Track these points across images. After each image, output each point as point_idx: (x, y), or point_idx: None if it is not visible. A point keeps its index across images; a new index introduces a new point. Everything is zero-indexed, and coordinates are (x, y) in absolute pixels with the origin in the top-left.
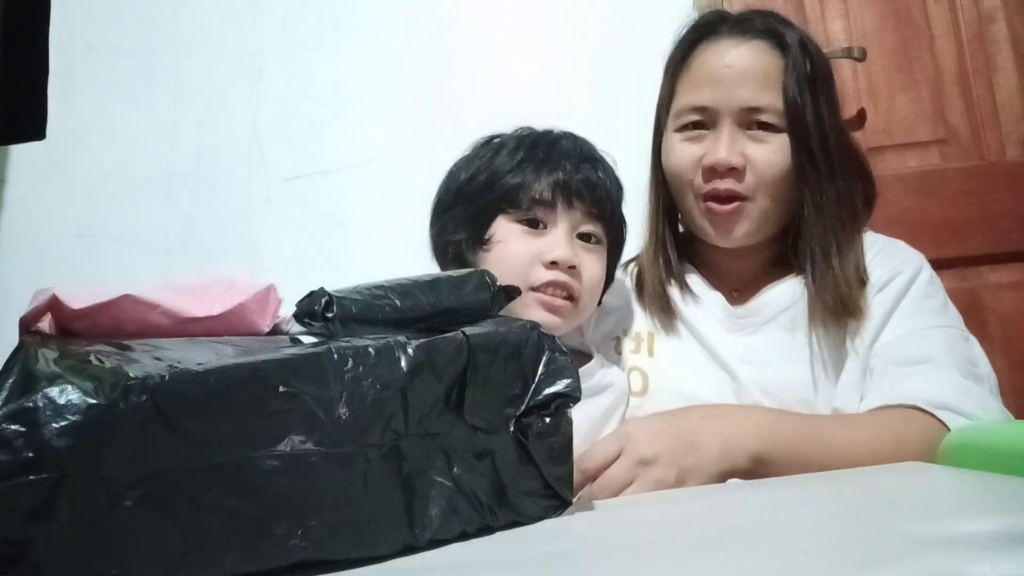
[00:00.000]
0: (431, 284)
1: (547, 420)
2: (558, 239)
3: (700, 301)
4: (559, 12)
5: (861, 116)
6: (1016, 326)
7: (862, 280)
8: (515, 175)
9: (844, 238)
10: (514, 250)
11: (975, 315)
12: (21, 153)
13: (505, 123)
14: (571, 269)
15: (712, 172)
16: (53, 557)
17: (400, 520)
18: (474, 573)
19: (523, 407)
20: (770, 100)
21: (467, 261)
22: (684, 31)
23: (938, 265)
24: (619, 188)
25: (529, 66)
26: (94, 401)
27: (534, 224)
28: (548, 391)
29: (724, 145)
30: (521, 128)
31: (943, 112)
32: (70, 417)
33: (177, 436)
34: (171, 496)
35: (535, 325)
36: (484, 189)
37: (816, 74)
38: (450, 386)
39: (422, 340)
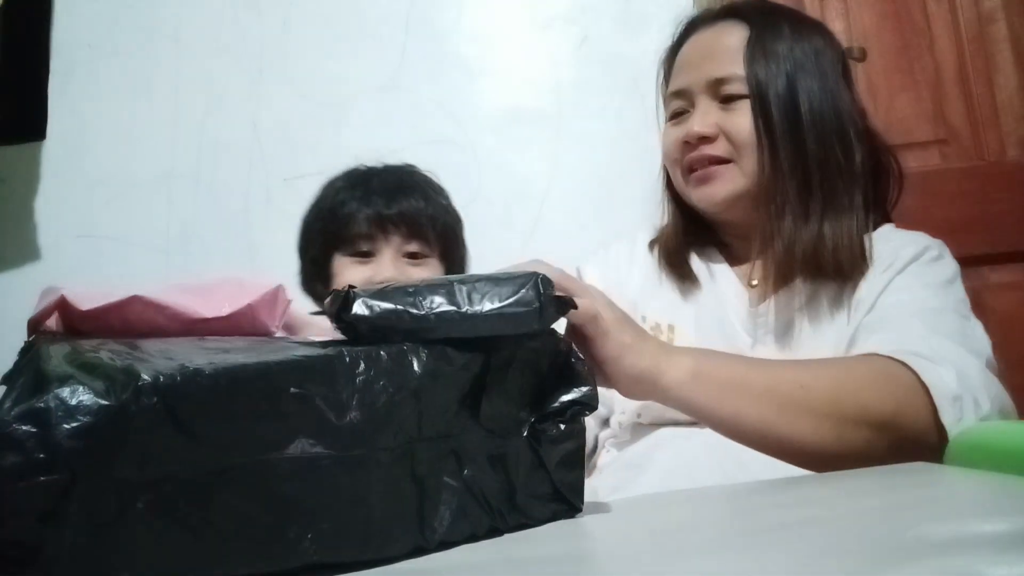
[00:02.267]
0: (472, 288)
1: (562, 427)
2: (383, 265)
3: (721, 290)
4: (559, 12)
5: None
6: (1016, 326)
7: (824, 247)
8: (339, 214)
9: (807, 203)
10: (347, 281)
11: (975, 315)
12: (21, 153)
13: (505, 123)
14: None
15: (688, 145)
16: (64, 559)
17: (410, 523)
18: (484, 574)
19: (538, 413)
20: (735, 71)
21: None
22: (677, 31)
23: None
24: (439, 206)
25: (529, 66)
26: (105, 402)
27: (364, 255)
28: (564, 399)
29: (696, 119)
30: (350, 169)
31: (943, 112)
32: (81, 418)
33: (188, 438)
34: (182, 498)
35: (552, 331)
36: (320, 232)
37: (793, 46)
38: (465, 390)
39: (436, 344)
